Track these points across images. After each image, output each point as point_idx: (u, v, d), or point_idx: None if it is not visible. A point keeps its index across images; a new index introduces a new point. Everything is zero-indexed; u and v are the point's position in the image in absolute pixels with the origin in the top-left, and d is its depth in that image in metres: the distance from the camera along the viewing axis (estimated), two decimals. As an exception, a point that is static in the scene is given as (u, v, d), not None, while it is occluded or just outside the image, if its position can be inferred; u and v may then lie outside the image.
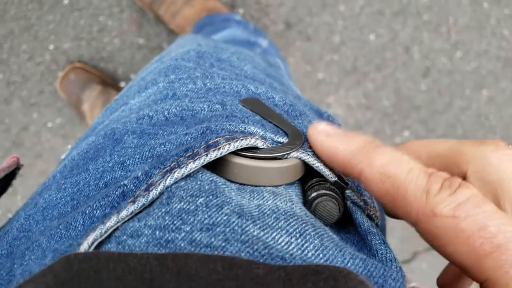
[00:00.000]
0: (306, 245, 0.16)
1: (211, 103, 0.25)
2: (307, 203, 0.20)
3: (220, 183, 0.19)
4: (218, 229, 0.16)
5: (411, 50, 0.95)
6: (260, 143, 0.20)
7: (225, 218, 0.16)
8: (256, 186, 0.20)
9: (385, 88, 0.96)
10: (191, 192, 0.18)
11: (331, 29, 0.93)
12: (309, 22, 0.92)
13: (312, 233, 0.17)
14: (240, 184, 0.20)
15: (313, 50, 0.94)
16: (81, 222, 0.18)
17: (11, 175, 0.29)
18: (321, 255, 0.16)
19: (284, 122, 0.23)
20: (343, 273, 0.12)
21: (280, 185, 0.20)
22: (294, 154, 0.20)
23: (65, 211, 0.21)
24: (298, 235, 0.17)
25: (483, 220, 0.14)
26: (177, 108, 0.24)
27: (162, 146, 0.21)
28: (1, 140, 0.92)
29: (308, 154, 0.20)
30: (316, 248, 0.16)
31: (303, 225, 0.17)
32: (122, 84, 0.92)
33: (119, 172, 0.21)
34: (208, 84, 0.27)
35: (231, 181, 0.20)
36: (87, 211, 0.18)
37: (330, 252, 0.16)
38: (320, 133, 0.19)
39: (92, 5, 0.89)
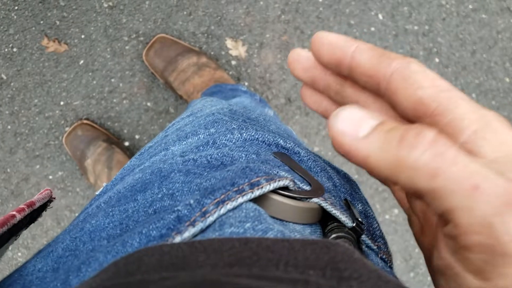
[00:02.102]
0: None
1: (248, 153, 0.27)
2: None
3: (262, 212, 0.21)
4: None
5: (402, 131, 1.01)
6: (291, 185, 0.23)
7: None
8: (281, 220, 0.23)
9: (377, 165, 1.01)
10: (239, 219, 0.20)
11: (329, 106, 0.99)
12: (308, 98, 0.98)
13: None
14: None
15: (310, 125, 0.99)
16: (137, 240, 0.19)
17: (44, 206, 0.31)
18: None
19: (308, 176, 0.26)
20: (333, 243, 0.15)
21: (300, 223, 0.23)
22: (315, 199, 0.23)
23: (114, 233, 0.22)
24: None
25: (442, 164, 0.15)
26: (219, 155, 0.27)
27: (208, 181, 0.23)
28: (0, 189, 0.93)
29: (327, 202, 0.23)
30: None
31: None
32: (126, 143, 0.96)
33: (168, 202, 0.22)
34: (244, 135, 0.30)
35: None
36: (143, 231, 0.20)
37: None
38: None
39: (106, 67, 0.94)
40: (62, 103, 0.94)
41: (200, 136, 0.31)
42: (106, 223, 0.23)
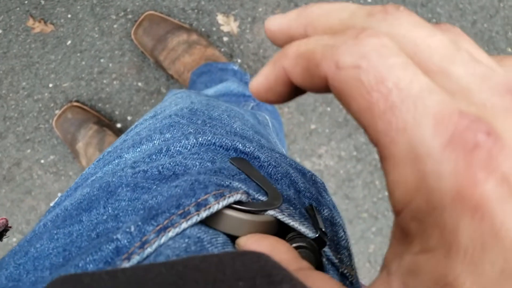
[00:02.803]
0: None
1: (203, 160, 0.26)
2: None
3: (205, 242, 0.20)
4: None
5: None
6: (244, 198, 0.22)
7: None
8: (233, 235, 0.22)
9: (375, 142, 0.99)
10: (177, 252, 0.18)
11: (325, 82, 0.96)
12: (304, 74, 0.96)
13: None
14: (223, 233, 0.21)
15: (307, 101, 0.97)
16: None
17: (0, 235, 0.30)
18: None
19: (266, 184, 0.25)
20: (263, 254, 0.14)
21: None
22: (271, 212, 0.22)
23: (57, 262, 0.21)
24: None
25: (384, 72, 0.12)
26: (171, 164, 0.25)
27: (154, 199, 0.22)
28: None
29: (284, 214, 0.22)
30: None
31: None
32: (118, 125, 0.93)
33: (111, 223, 0.21)
34: (200, 139, 0.29)
35: (216, 231, 0.21)
36: (80, 265, 0.19)
37: None
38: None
39: (94, 47, 0.91)
40: (51, 85, 0.92)
41: (155, 142, 0.30)
42: (50, 249, 0.22)
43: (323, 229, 0.23)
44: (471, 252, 0.10)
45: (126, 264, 0.18)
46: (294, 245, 0.21)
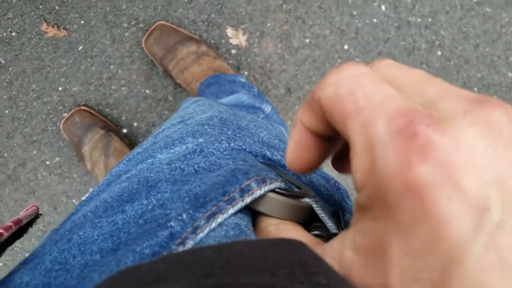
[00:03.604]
0: None
1: (235, 159, 0.28)
2: None
3: (243, 226, 0.21)
4: None
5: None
6: (283, 185, 0.23)
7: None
8: (272, 216, 0.23)
9: (376, 158, 1.00)
10: (218, 239, 0.20)
11: (329, 98, 0.98)
12: (308, 89, 0.97)
13: None
14: (262, 213, 0.23)
15: (310, 116, 0.98)
16: (131, 259, 0.19)
17: (30, 222, 0.31)
18: None
19: (297, 182, 0.26)
20: (298, 242, 0.16)
21: (291, 221, 0.23)
22: (307, 199, 0.23)
23: (107, 247, 0.22)
24: None
25: (356, 86, 0.15)
26: (206, 163, 0.27)
27: (198, 187, 0.23)
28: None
29: (318, 204, 0.24)
30: None
31: None
32: (124, 130, 0.95)
33: (158, 211, 0.22)
34: (232, 144, 0.31)
35: (249, 216, 0.23)
36: (137, 249, 0.20)
37: None
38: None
39: (105, 54, 0.93)
40: (60, 88, 0.93)
41: (188, 144, 0.31)
42: (95, 235, 0.23)
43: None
44: (404, 224, 0.12)
45: (180, 249, 0.19)
46: (316, 232, 0.23)
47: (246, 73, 0.96)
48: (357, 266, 0.14)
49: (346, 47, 0.96)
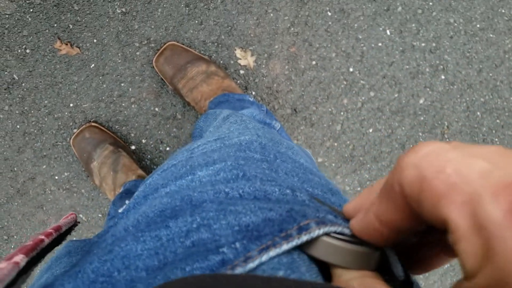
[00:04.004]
0: None
1: (281, 187, 0.27)
2: None
3: (295, 256, 0.20)
4: None
5: (407, 146, 1.02)
6: (347, 231, 0.21)
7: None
8: (332, 263, 0.21)
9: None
10: (271, 265, 0.20)
11: (334, 118, 1.00)
12: (314, 110, 0.99)
13: None
14: (318, 259, 0.21)
15: (315, 136, 1.00)
16: (180, 276, 0.20)
17: (69, 230, 0.32)
18: None
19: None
20: None
21: (355, 269, 0.21)
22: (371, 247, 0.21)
23: (153, 265, 0.22)
24: None
25: (442, 164, 0.14)
26: (251, 188, 0.26)
27: (248, 217, 0.22)
28: (6, 187, 0.94)
29: (393, 252, 0.21)
30: None
31: None
32: (133, 147, 0.97)
33: (206, 234, 0.22)
34: (274, 175, 0.30)
35: (310, 258, 0.21)
36: (187, 269, 0.20)
37: None
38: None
39: (116, 72, 0.95)
40: (71, 105, 0.95)
41: (231, 168, 0.30)
42: (139, 249, 0.23)
43: (409, 276, 0.22)
44: None
45: (229, 273, 0.19)
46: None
47: (253, 93, 0.98)
48: None
49: (351, 69, 0.99)
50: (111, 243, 0.25)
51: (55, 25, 0.94)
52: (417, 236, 0.22)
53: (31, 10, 0.93)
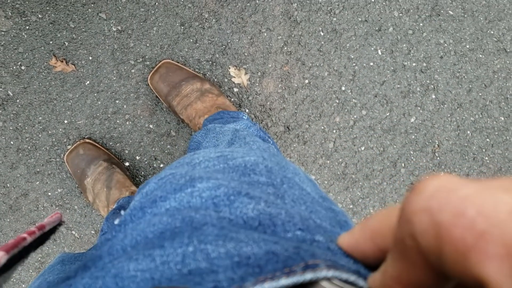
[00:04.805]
0: None
1: (287, 211, 0.25)
2: None
3: None
4: None
5: (398, 164, 1.03)
6: (361, 283, 0.18)
7: None
8: None
9: (372, 197, 1.02)
10: None
11: (326, 136, 1.01)
12: (306, 128, 1.01)
13: None
14: None
15: (308, 153, 1.01)
16: None
17: (53, 229, 0.31)
18: None
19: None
20: None
21: None
22: None
23: None
24: None
25: (459, 203, 0.11)
26: (254, 212, 0.25)
27: (250, 247, 0.20)
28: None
29: None
30: None
31: None
32: (127, 163, 0.97)
33: (204, 264, 0.20)
34: (279, 201, 0.28)
35: None
36: None
37: None
38: None
39: (111, 89, 0.96)
40: (66, 121, 0.96)
41: (234, 187, 0.28)
42: (132, 270, 0.21)
43: None
44: None
45: None
46: None
47: (247, 110, 0.99)
48: None
49: (343, 88, 1.00)
50: (107, 262, 0.24)
51: (51, 42, 0.95)
52: None
53: (27, 27, 0.94)
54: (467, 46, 1.02)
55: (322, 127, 1.01)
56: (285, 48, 0.98)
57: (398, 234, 0.13)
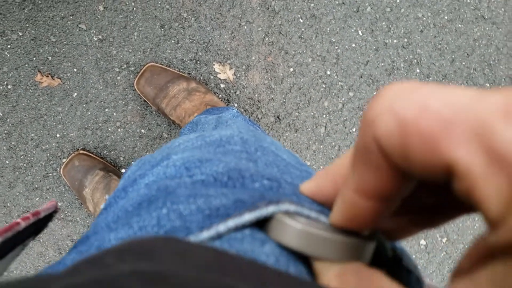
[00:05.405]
0: None
1: (256, 163, 0.26)
2: None
3: (261, 236, 0.19)
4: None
5: (390, 141, 1.04)
6: (323, 219, 0.18)
7: (264, 255, 0.18)
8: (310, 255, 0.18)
9: (368, 176, 1.04)
10: (231, 241, 0.19)
11: (317, 122, 1.02)
12: (296, 115, 1.02)
13: None
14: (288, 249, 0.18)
15: (300, 140, 1.02)
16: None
17: (49, 217, 0.32)
18: None
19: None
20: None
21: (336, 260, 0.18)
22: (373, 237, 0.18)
23: None
24: None
25: (422, 99, 0.11)
26: (225, 169, 0.25)
27: (218, 200, 0.21)
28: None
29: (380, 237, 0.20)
30: None
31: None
32: (123, 170, 0.98)
33: (178, 222, 0.21)
34: (251, 164, 0.28)
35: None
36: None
37: None
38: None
39: (99, 98, 0.97)
40: (58, 135, 0.96)
41: (207, 154, 0.29)
42: (112, 238, 0.22)
43: (396, 250, 0.21)
44: None
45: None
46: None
47: (236, 105, 1.00)
48: None
49: (328, 72, 1.01)
50: (93, 239, 0.24)
51: (34, 58, 0.95)
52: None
53: (8, 46, 0.94)
54: (446, 18, 1.03)
55: (312, 113, 1.02)
56: (267, 39, 0.99)
57: (360, 141, 0.13)
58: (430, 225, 0.18)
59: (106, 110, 0.97)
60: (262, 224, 0.19)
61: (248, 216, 0.18)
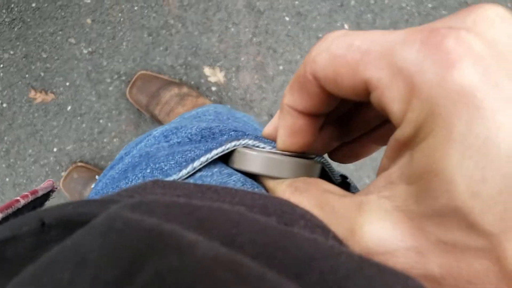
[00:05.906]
0: None
1: (226, 125, 0.29)
2: None
3: (228, 170, 0.22)
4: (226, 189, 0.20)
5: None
6: (276, 150, 0.22)
7: (232, 182, 0.22)
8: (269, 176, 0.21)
9: (365, 168, 1.04)
10: (207, 165, 0.23)
11: (311, 117, 1.03)
12: (290, 112, 1.02)
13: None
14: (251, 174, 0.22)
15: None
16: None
17: (47, 195, 0.33)
18: None
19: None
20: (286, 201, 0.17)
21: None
22: (318, 158, 0.22)
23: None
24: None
25: (350, 40, 0.15)
26: (197, 129, 0.28)
27: (193, 153, 0.24)
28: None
29: (325, 160, 0.23)
30: None
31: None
32: (121, 179, 0.99)
33: (160, 176, 0.24)
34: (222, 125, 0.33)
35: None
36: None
37: None
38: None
39: (93, 110, 0.98)
40: (55, 149, 0.98)
41: (183, 124, 0.33)
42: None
43: (346, 177, 0.25)
44: (459, 128, 0.12)
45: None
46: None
47: (228, 106, 1.01)
48: (415, 195, 0.13)
49: (318, 67, 1.02)
50: None
51: (27, 75, 0.97)
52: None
53: (1, 65, 0.96)
54: (429, 5, 1.04)
55: (305, 109, 1.03)
56: (254, 39, 1.00)
57: (300, 72, 0.17)
58: (347, 136, 0.22)
59: (101, 121, 0.98)
60: (227, 163, 0.24)
61: (215, 151, 0.22)
